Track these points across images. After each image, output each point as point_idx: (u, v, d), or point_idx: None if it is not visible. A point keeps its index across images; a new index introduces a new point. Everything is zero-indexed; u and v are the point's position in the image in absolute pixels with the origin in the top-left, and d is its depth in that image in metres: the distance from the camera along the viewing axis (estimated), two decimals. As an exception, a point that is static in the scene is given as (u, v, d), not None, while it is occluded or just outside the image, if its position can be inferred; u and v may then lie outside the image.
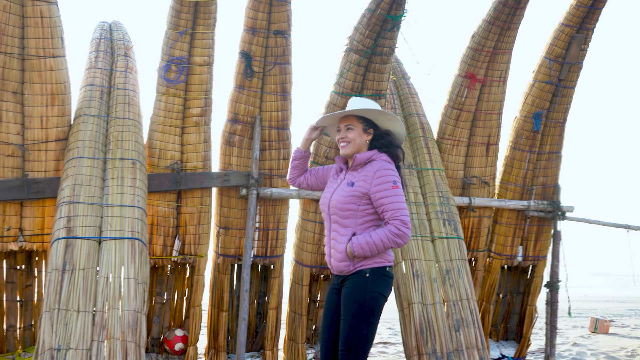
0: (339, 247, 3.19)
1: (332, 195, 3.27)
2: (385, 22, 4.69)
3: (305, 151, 3.54)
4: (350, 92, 4.96)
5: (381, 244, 3.09)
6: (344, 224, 3.19)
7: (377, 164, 3.20)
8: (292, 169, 3.61)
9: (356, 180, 3.20)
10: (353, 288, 3.14)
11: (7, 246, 4.47)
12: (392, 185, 3.13)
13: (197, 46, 4.68)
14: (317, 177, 3.55)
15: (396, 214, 3.09)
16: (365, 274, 3.14)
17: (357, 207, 3.17)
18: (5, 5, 4.12)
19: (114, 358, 3.68)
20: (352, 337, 3.10)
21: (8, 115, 4.34)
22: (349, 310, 3.13)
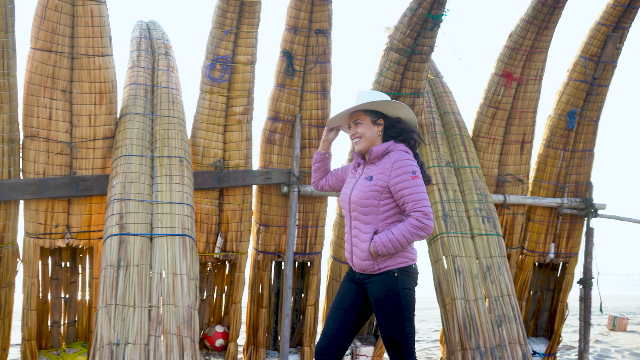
0: (362, 245, 3.15)
1: (352, 191, 3.22)
2: (426, 21, 4.74)
3: (324, 153, 3.51)
4: (389, 91, 5.01)
5: (404, 239, 3.04)
6: (365, 220, 3.15)
7: (395, 155, 3.14)
8: (314, 172, 3.58)
9: (374, 174, 3.16)
10: (385, 290, 3.11)
11: (55, 243, 4.51)
12: (412, 176, 3.08)
13: (241, 45, 4.73)
14: (337, 177, 3.53)
15: (417, 205, 3.04)
16: (394, 273, 3.11)
17: (378, 202, 3.12)
18: (57, 4, 4.17)
19: (171, 353, 3.73)
20: (398, 338, 3.11)
21: (57, 114, 4.39)
22: (387, 313, 3.11)
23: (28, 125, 4.37)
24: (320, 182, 3.57)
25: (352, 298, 3.26)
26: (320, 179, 3.57)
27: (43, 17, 4.18)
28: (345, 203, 3.26)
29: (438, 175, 5.12)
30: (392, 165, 3.10)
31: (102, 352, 3.67)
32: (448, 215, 4.93)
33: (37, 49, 4.25)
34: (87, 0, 4.22)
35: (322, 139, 3.47)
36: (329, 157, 3.53)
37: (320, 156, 3.51)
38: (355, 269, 3.24)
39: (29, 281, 4.49)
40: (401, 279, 3.11)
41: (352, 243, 3.23)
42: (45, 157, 4.41)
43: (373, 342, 5.48)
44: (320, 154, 3.50)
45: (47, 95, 4.34)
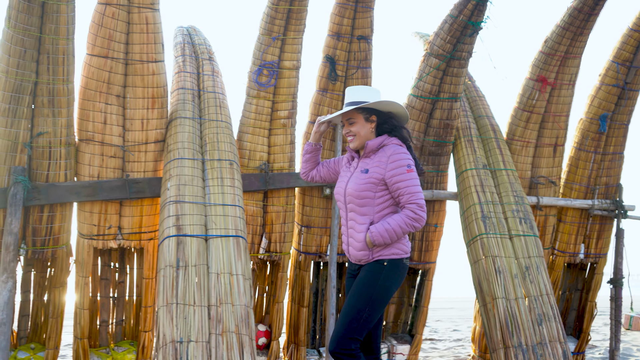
0: (358, 236, 3.18)
1: (347, 184, 3.25)
2: (465, 27, 4.87)
3: (316, 144, 3.52)
4: (428, 95, 5.14)
5: (400, 230, 3.10)
6: (361, 212, 3.19)
7: (390, 149, 3.20)
8: (304, 163, 3.59)
9: (370, 167, 3.20)
10: (368, 272, 3.15)
11: (107, 244, 4.63)
12: (407, 169, 3.13)
13: (287, 51, 4.85)
14: (329, 168, 3.54)
15: (412, 197, 3.10)
16: (384, 262, 3.14)
17: (374, 194, 3.17)
18: (114, 12, 4.29)
19: (232, 350, 3.85)
20: (353, 318, 3.09)
21: (112, 118, 4.51)
22: (359, 293, 3.13)
23: (83, 129, 4.49)
24: (310, 173, 3.58)
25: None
26: (310, 170, 3.58)
27: (100, 25, 4.31)
28: (340, 196, 3.29)
29: (475, 177, 5.25)
30: (388, 158, 3.16)
31: (166, 349, 3.79)
32: (487, 217, 5.06)
33: (93, 55, 4.37)
34: (143, 8, 4.34)
35: (314, 130, 3.48)
36: (320, 149, 3.55)
37: (311, 147, 3.53)
38: (351, 259, 3.29)
39: (82, 281, 4.60)
40: (389, 270, 3.14)
41: (348, 234, 3.27)
42: (100, 160, 4.53)
43: (409, 341, 5.60)
44: (312, 145, 3.52)
45: (103, 100, 4.46)
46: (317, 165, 3.57)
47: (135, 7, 4.33)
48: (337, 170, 3.51)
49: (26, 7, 3.94)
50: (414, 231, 3.17)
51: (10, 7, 3.95)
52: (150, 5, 4.34)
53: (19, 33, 4.00)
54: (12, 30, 3.99)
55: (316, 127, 3.47)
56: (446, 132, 5.29)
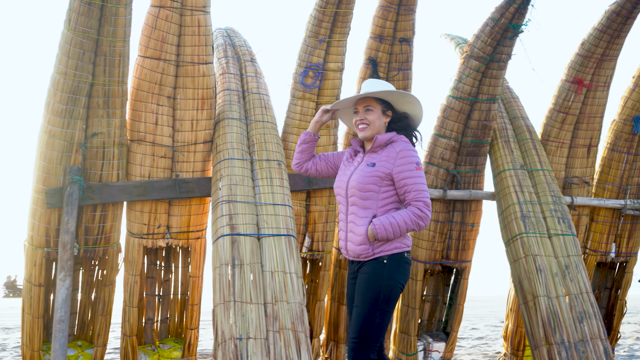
0: (358, 229, 3.08)
1: (350, 177, 3.15)
2: (506, 30, 4.95)
3: (314, 134, 3.40)
4: (467, 97, 5.23)
5: (404, 226, 3.01)
6: (363, 205, 3.09)
7: (399, 145, 3.13)
8: (299, 153, 3.42)
9: (377, 161, 3.11)
10: (370, 274, 3.04)
11: (156, 243, 4.71)
12: (416, 167, 3.07)
13: (332, 53, 4.93)
14: (327, 162, 3.43)
15: (419, 195, 3.03)
16: (383, 260, 3.04)
17: (379, 189, 3.08)
18: (167, 15, 4.36)
19: (289, 347, 3.93)
20: (365, 326, 3.00)
21: (163, 119, 4.58)
22: (364, 298, 3.03)
23: (135, 130, 4.56)
24: (305, 164, 3.44)
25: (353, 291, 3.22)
26: (305, 161, 3.44)
27: (154, 27, 4.37)
28: (341, 189, 3.20)
29: (514, 177, 5.33)
30: (397, 154, 3.09)
31: (225, 346, 3.87)
32: (526, 216, 5.14)
33: (146, 57, 4.44)
34: (195, 10, 4.41)
35: (315, 119, 3.36)
36: (317, 139, 3.43)
37: (309, 137, 3.39)
38: (348, 256, 3.18)
39: (132, 279, 4.68)
40: (390, 267, 3.05)
41: (347, 229, 3.16)
42: (151, 161, 4.60)
43: (444, 338, 5.69)
44: (310, 135, 3.39)
45: (154, 101, 4.53)
46: (313, 158, 3.44)
47: (187, 10, 4.40)
48: (337, 164, 3.39)
49: (86, 10, 4.01)
50: (418, 230, 3.09)
51: (71, 9, 4.01)
52: (202, 8, 4.41)
53: (78, 35, 4.07)
54: (72, 32, 4.06)
55: (318, 117, 3.36)
56: (484, 133, 5.37)
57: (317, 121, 3.36)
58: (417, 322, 5.53)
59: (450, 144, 5.36)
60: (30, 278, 4.45)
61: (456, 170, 5.43)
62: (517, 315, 5.89)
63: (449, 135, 5.35)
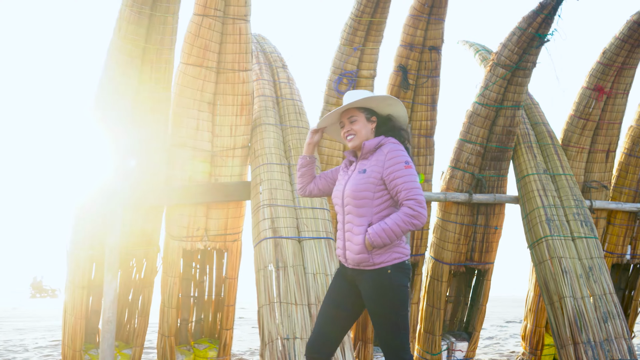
0: (356, 239, 3.08)
1: (345, 186, 3.17)
2: (532, 39, 5.12)
3: (310, 157, 3.41)
4: (493, 103, 5.39)
5: (398, 229, 2.99)
6: (359, 213, 3.09)
7: (387, 147, 3.13)
8: (300, 177, 3.44)
9: (368, 167, 3.12)
10: (378, 286, 3.06)
11: (195, 245, 4.81)
12: (405, 165, 3.06)
13: (365, 60, 5.06)
14: (327, 179, 3.42)
15: (410, 193, 2.99)
16: (387, 270, 3.05)
17: (373, 195, 3.07)
18: (211, 23, 4.48)
19: (334, 346, 4.05)
20: (392, 335, 3.03)
21: (203, 124, 4.69)
22: (381, 310, 3.06)
23: (177, 135, 4.67)
24: (308, 187, 3.44)
25: (344, 295, 3.20)
26: (307, 184, 3.44)
27: (197, 35, 4.49)
28: (338, 199, 3.21)
29: (537, 182, 5.50)
30: (386, 156, 3.10)
31: (273, 346, 3.99)
32: (550, 220, 5.31)
33: (189, 64, 4.56)
34: (237, 19, 4.53)
35: (307, 142, 3.37)
36: (314, 161, 3.44)
37: (306, 160, 3.40)
38: (347, 264, 3.17)
39: (171, 281, 4.79)
40: (394, 274, 3.06)
41: (345, 238, 3.16)
42: (191, 165, 4.71)
43: (467, 338, 5.84)
44: (306, 158, 3.40)
45: (195, 107, 4.64)
46: (315, 179, 3.44)
47: (230, 19, 4.52)
48: (336, 178, 3.40)
49: (136, 19, 4.12)
50: (414, 229, 3.09)
51: (121, 18, 4.12)
52: (243, 17, 4.53)
53: (127, 43, 4.17)
54: (121, 40, 4.16)
55: (309, 138, 3.37)
56: (508, 139, 5.53)
57: (310, 143, 3.38)
58: (442, 322, 5.68)
59: (476, 149, 5.52)
60: (73, 280, 4.55)
61: (481, 174, 5.59)
62: (536, 316, 6.06)
63: (475, 141, 5.50)
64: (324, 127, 3.38)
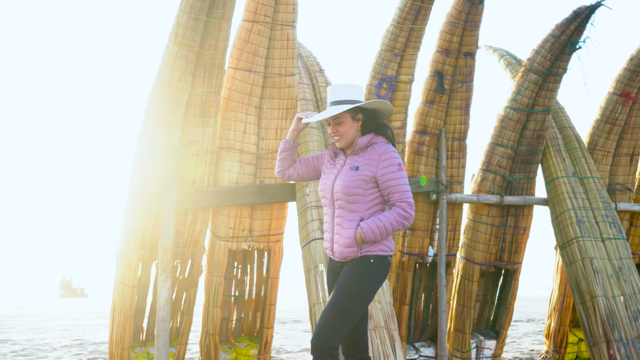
0: (346, 232, 3.14)
1: (334, 181, 3.21)
2: (565, 46, 5.28)
3: (293, 142, 3.42)
4: (524, 108, 5.54)
5: (390, 227, 3.09)
6: (351, 208, 3.15)
7: (381, 147, 3.19)
8: (280, 161, 3.46)
9: (360, 164, 3.17)
10: (355, 268, 3.11)
11: (240, 246, 4.93)
12: (398, 168, 3.15)
13: (404, 66, 5.20)
14: (307, 166, 3.45)
15: (403, 196, 3.11)
16: (370, 259, 3.11)
17: (364, 192, 3.15)
18: (260, 29, 4.59)
19: (385, 344, 4.19)
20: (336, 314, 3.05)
21: (250, 128, 4.81)
22: (344, 287, 3.09)
23: (224, 138, 4.78)
24: (287, 171, 3.47)
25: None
26: (287, 168, 3.47)
27: (247, 41, 4.60)
28: (327, 193, 3.24)
29: (567, 184, 5.66)
30: (380, 156, 3.15)
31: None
32: (581, 221, 5.48)
33: (238, 68, 4.67)
34: (285, 25, 4.65)
35: (292, 127, 3.39)
36: (296, 146, 3.46)
37: (288, 145, 3.42)
38: (335, 258, 3.23)
39: (216, 281, 4.90)
40: (376, 267, 3.13)
41: (334, 232, 3.21)
42: (238, 167, 4.83)
43: (494, 337, 5.99)
44: (289, 143, 3.42)
45: (243, 111, 4.76)
46: (295, 163, 3.48)
47: (278, 25, 4.64)
48: (317, 167, 3.44)
49: (193, 25, 4.22)
50: (403, 229, 3.19)
51: (178, 24, 4.22)
52: (291, 23, 4.65)
53: (183, 49, 4.28)
54: (178, 46, 4.27)
55: (295, 125, 3.39)
56: (538, 142, 5.69)
57: (295, 129, 3.40)
58: (472, 321, 5.83)
59: (507, 152, 5.67)
60: (123, 279, 4.64)
61: (511, 177, 5.74)
62: (560, 315, 6.23)
63: (506, 144, 5.65)
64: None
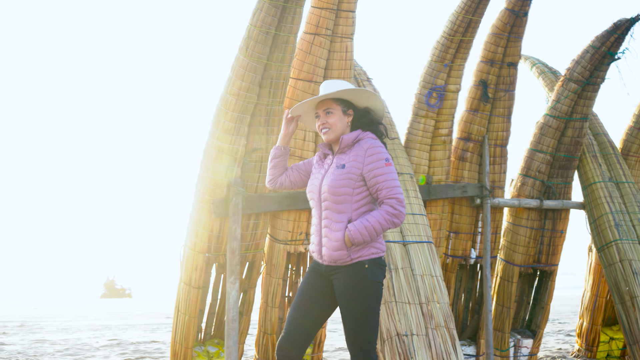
0: (335, 235, 3.01)
1: (322, 181, 3.10)
2: (604, 57, 5.53)
3: (284, 148, 3.32)
4: (563, 116, 5.78)
5: (379, 227, 2.96)
6: (338, 209, 3.03)
7: (367, 143, 3.06)
8: (271, 169, 3.35)
9: (346, 162, 3.05)
10: (354, 281, 3.01)
11: (297, 248, 5.13)
12: (385, 163, 3.01)
13: (452, 76, 5.42)
14: (299, 171, 3.34)
15: (391, 192, 2.97)
16: (364, 265, 3.01)
17: (352, 191, 3.02)
18: (322, 41, 4.80)
19: (446, 343, 4.41)
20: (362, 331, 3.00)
21: (308, 135, 5.01)
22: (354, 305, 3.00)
23: (285, 146, 4.98)
24: (279, 179, 3.36)
25: (320, 292, 3.13)
26: (278, 176, 3.36)
27: (308, 52, 4.81)
28: (314, 194, 3.14)
29: (604, 189, 5.91)
30: (365, 152, 3.03)
31: (392, 342, 4.33)
32: (619, 225, 5.72)
33: (299, 79, 4.88)
34: (344, 38, 4.86)
35: (282, 132, 3.29)
36: (288, 152, 3.37)
37: (279, 151, 3.32)
38: (323, 261, 3.09)
39: (275, 282, 5.09)
40: (371, 270, 3.02)
41: (321, 234, 3.09)
42: (298, 173, 5.02)
43: (531, 335, 6.22)
44: (281, 149, 3.32)
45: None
46: (286, 171, 3.36)
47: (338, 37, 4.85)
48: (309, 171, 3.32)
49: (263, 38, 4.43)
50: (394, 227, 3.06)
51: (249, 38, 4.42)
52: (350, 35, 4.86)
53: (253, 61, 4.48)
54: (248, 58, 4.47)
55: (284, 129, 3.29)
56: (575, 148, 5.92)
57: (285, 134, 3.31)
58: (511, 320, 6.06)
59: (546, 158, 5.90)
60: (189, 281, 4.84)
61: (549, 182, 5.98)
62: (593, 314, 6.47)
63: (545, 150, 5.89)
64: (299, 116, 3.31)
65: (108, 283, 27.57)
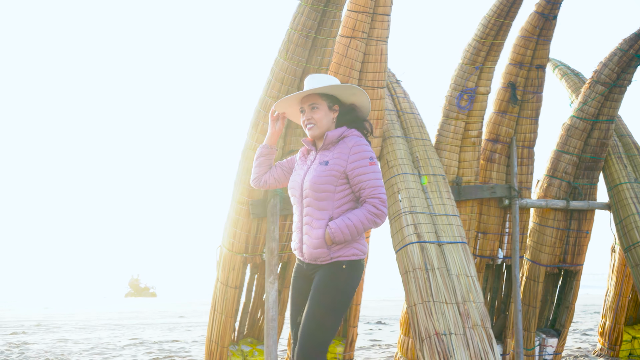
0: (315, 232, 2.98)
1: (304, 177, 3.06)
2: (632, 59, 5.59)
3: (271, 147, 3.31)
4: (590, 118, 5.84)
5: (361, 226, 2.92)
6: (319, 206, 2.99)
7: (351, 140, 3.02)
8: (256, 167, 3.34)
9: (330, 159, 3.01)
10: (328, 278, 2.97)
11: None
12: (369, 162, 2.97)
13: (482, 78, 5.48)
14: (283, 168, 3.32)
15: (374, 191, 2.94)
16: (342, 265, 2.97)
17: (334, 188, 2.98)
18: (357, 45, 4.86)
19: (484, 342, 4.47)
20: (318, 329, 2.94)
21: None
22: (319, 299, 2.96)
23: (320, 147, 5.04)
24: (263, 177, 3.34)
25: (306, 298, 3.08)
26: (263, 174, 3.34)
27: (344, 55, 4.87)
28: (296, 190, 3.11)
29: (630, 190, 5.98)
30: (350, 150, 2.99)
31: (431, 341, 4.39)
32: (645, 225, 5.78)
33: (335, 82, 4.93)
34: (379, 41, 4.92)
35: (270, 131, 3.28)
36: (274, 151, 3.36)
37: (266, 150, 3.31)
38: (304, 259, 3.08)
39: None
40: (349, 273, 2.99)
41: (302, 231, 3.06)
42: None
43: (555, 335, 6.29)
44: (267, 148, 3.31)
45: (338, 121, 5.02)
46: (270, 169, 3.36)
47: (373, 40, 4.90)
48: (292, 168, 3.30)
49: (303, 42, 4.49)
50: (375, 227, 3.03)
51: (289, 41, 4.49)
52: (384, 39, 4.92)
53: (293, 64, 4.54)
54: (288, 61, 4.53)
55: (272, 128, 3.28)
56: (601, 150, 5.99)
57: (273, 132, 3.29)
58: (537, 319, 6.12)
59: (573, 159, 5.97)
60: (226, 281, 4.90)
61: (575, 182, 6.04)
62: (616, 314, 6.54)
63: (572, 152, 5.95)
64: (284, 113, 3.27)
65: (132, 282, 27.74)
